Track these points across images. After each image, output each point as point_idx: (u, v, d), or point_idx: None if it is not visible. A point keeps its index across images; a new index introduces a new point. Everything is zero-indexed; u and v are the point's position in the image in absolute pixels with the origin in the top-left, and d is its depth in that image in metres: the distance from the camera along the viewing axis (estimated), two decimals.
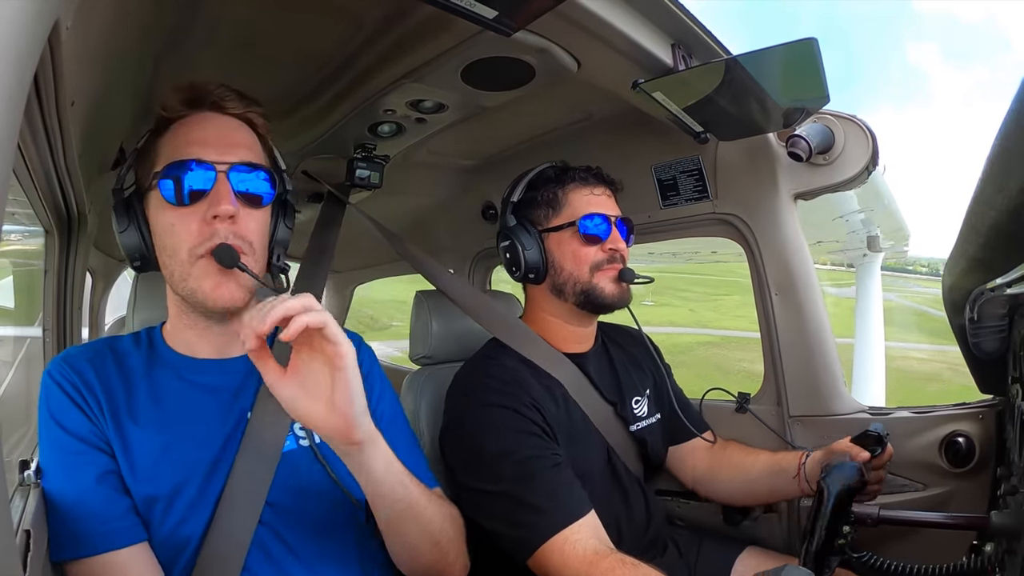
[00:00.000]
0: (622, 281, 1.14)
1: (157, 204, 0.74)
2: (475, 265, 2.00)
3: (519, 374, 1.08)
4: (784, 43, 0.85)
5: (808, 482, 1.07)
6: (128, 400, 0.76)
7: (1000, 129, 0.41)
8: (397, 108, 1.20)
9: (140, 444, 0.73)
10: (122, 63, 0.88)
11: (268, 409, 0.77)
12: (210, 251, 0.71)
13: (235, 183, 0.73)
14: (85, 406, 0.73)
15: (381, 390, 0.91)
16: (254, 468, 0.75)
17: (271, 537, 0.75)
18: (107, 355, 0.79)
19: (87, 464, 0.71)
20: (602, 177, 1.19)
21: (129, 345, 0.82)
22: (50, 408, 0.73)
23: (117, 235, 0.77)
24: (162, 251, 0.76)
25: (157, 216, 0.75)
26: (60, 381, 0.74)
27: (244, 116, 0.80)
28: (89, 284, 2.89)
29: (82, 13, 0.53)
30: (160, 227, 0.74)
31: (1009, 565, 0.71)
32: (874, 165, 1.19)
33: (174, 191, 0.72)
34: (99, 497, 0.70)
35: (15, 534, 0.55)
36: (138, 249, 0.77)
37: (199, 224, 0.72)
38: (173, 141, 0.75)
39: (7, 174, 0.35)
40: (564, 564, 0.89)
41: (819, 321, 1.25)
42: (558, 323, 1.19)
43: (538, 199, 1.18)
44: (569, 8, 0.81)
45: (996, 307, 0.75)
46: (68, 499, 0.69)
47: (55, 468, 0.72)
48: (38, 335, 1.26)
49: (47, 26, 0.42)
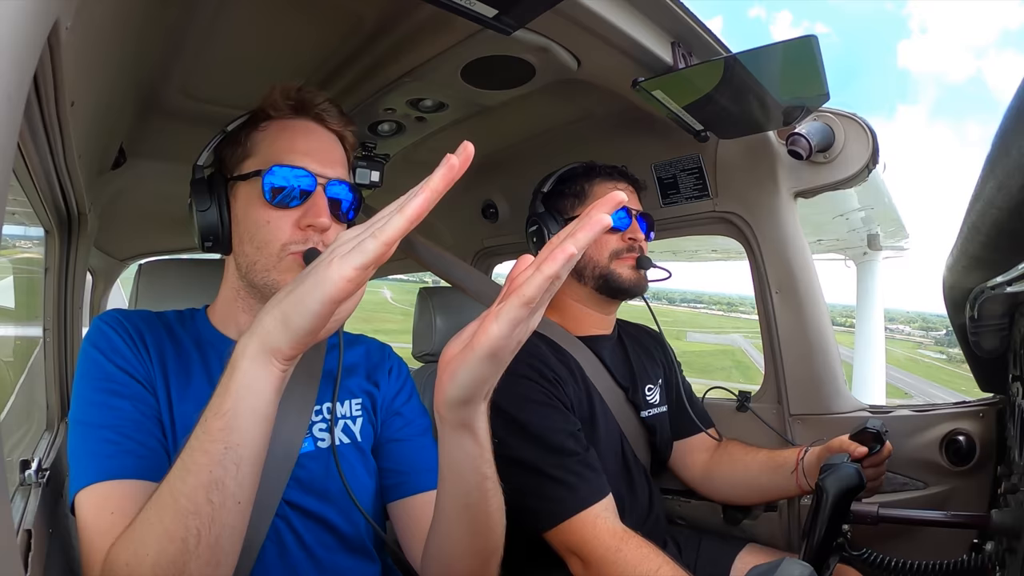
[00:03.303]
0: (639, 269, 1.19)
1: (251, 197, 0.77)
2: (475, 263, 2.00)
3: (540, 349, 1.12)
4: (784, 40, 0.85)
5: (806, 478, 1.08)
6: (179, 364, 0.76)
7: (1000, 126, 0.41)
8: (397, 107, 1.20)
9: (184, 410, 0.73)
10: (122, 63, 0.88)
11: (292, 406, 0.77)
12: (301, 252, 0.75)
13: (330, 196, 0.78)
14: (134, 347, 0.74)
15: (411, 392, 0.93)
16: (278, 463, 0.74)
17: (286, 530, 0.75)
18: (155, 319, 0.81)
19: (131, 392, 0.71)
20: (626, 175, 1.26)
21: (173, 318, 0.83)
22: (98, 346, 0.73)
23: (196, 213, 0.79)
24: (247, 240, 0.77)
25: (249, 208, 0.77)
26: (113, 325, 0.75)
27: (341, 133, 0.84)
28: (89, 284, 2.89)
29: (82, 13, 0.53)
30: (251, 220, 0.77)
31: (1010, 563, 0.71)
32: (874, 163, 1.19)
33: (277, 193, 0.75)
34: (135, 425, 0.68)
35: (16, 534, 0.55)
36: (214, 231, 0.79)
37: (291, 226, 0.76)
38: (277, 143, 0.78)
39: (7, 174, 0.35)
40: (595, 537, 0.92)
41: (819, 319, 1.25)
42: (578, 307, 1.24)
43: (566, 191, 1.26)
44: (569, 7, 0.81)
45: (996, 305, 0.75)
46: (102, 416, 0.67)
47: (91, 396, 0.69)
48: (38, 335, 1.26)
49: (47, 26, 0.42)
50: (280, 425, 0.76)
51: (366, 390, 0.88)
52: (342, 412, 0.84)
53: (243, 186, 0.78)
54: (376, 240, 0.45)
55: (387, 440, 0.87)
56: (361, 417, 0.86)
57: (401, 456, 0.85)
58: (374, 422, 0.87)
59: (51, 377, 1.19)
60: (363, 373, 0.89)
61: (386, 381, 0.91)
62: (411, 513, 0.82)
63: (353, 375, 0.88)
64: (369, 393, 0.88)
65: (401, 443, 0.86)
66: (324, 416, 0.82)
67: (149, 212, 2.07)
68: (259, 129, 0.80)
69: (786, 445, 1.28)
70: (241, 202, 0.79)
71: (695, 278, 30.72)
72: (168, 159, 1.41)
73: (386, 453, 0.86)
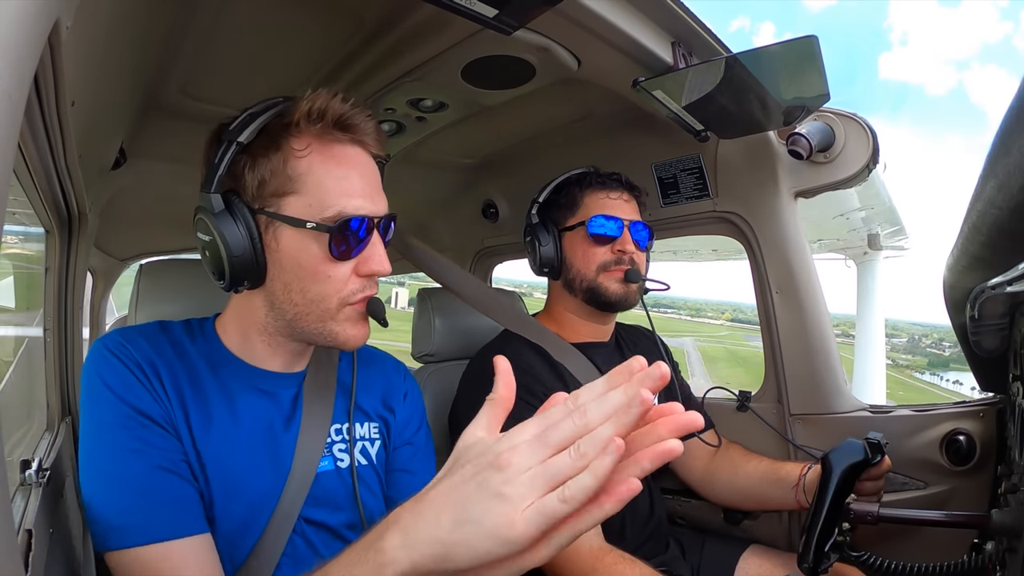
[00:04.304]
0: (628, 282, 1.16)
1: (302, 244, 0.68)
2: (476, 263, 2.00)
3: (533, 364, 1.11)
4: (784, 41, 0.85)
5: (806, 495, 1.06)
6: (195, 390, 0.71)
7: (1000, 126, 0.41)
8: (397, 107, 1.20)
9: (207, 440, 0.70)
10: (122, 63, 0.88)
11: (311, 429, 0.77)
12: (363, 302, 0.71)
13: (382, 235, 0.73)
14: (147, 383, 0.68)
15: (422, 418, 0.92)
16: (298, 479, 0.74)
17: (303, 545, 0.75)
18: (162, 338, 0.74)
19: (152, 443, 0.66)
20: (622, 182, 1.22)
21: (182, 333, 0.76)
22: (105, 379, 0.67)
23: (224, 246, 0.66)
24: (296, 290, 0.70)
25: (300, 256, 0.69)
26: (118, 352, 0.68)
27: (378, 157, 0.76)
28: (90, 284, 2.89)
29: (82, 13, 0.53)
30: (305, 271, 0.69)
31: (1010, 563, 0.71)
32: (874, 163, 1.18)
33: (337, 247, 0.68)
34: (163, 479, 0.65)
35: (16, 534, 0.55)
36: (250, 272, 0.69)
37: (350, 275, 0.70)
38: (329, 181, 0.68)
39: (7, 174, 0.35)
40: (572, 557, 0.92)
41: (820, 319, 1.25)
42: (572, 317, 1.24)
43: (560, 201, 1.24)
44: (569, 6, 0.81)
45: (996, 305, 0.75)
46: (126, 478, 0.64)
47: (111, 444, 0.65)
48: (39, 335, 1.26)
49: (47, 26, 0.42)
50: (301, 442, 0.76)
51: (382, 415, 0.87)
52: (361, 433, 0.83)
53: (288, 229, 0.68)
54: (595, 478, 0.39)
55: (395, 469, 0.86)
56: (379, 440, 0.85)
57: (406, 488, 0.84)
58: (388, 447, 0.87)
59: (51, 377, 1.19)
60: (379, 396, 0.88)
61: (401, 407, 0.89)
62: None
63: (368, 394, 0.86)
64: (384, 419, 0.87)
65: (411, 475, 0.86)
66: (344, 436, 0.81)
67: (149, 212, 2.07)
68: (297, 154, 0.68)
69: (787, 444, 1.28)
70: (285, 244, 0.69)
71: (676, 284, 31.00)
72: (168, 159, 1.41)
73: (393, 482, 0.85)
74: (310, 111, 0.68)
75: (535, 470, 0.41)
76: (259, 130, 0.69)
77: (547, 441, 0.42)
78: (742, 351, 53.48)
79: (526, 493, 0.41)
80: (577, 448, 0.41)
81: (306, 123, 0.68)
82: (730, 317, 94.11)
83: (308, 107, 0.68)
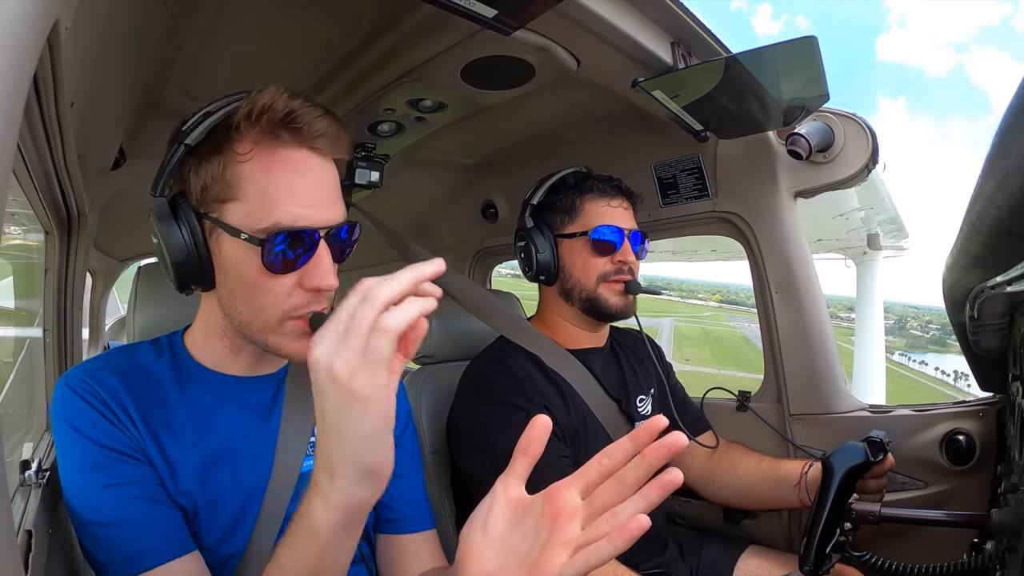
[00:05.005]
0: (628, 294, 1.16)
1: (242, 255, 0.65)
2: (475, 264, 2.00)
3: (529, 373, 1.10)
4: (784, 41, 0.85)
5: (808, 493, 1.06)
6: (161, 413, 0.70)
7: (1000, 126, 0.41)
8: (397, 107, 1.20)
9: (180, 459, 0.70)
10: (122, 63, 0.88)
11: (292, 428, 0.76)
12: (307, 319, 0.67)
13: (331, 245, 0.68)
14: (113, 417, 0.67)
15: (407, 418, 0.90)
16: (283, 486, 0.74)
17: None
18: (128, 365, 0.73)
19: (127, 476, 0.66)
20: (621, 189, 1.20)
21: (150, 355, 0.75)
22: (72, 422, 0.66)
23: (166, 250, 0.66)
24: (240, 298, 0.68)
25: (241, 267, 0.66)
26: (81, 392, 0.67)
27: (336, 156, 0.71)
28: (89, 284, 2.89)
29: (82, 13, 0.53)
30: (245, 281, 0.66)
31: (1010, 563, 0.71)
32: (874, 163, 1.19)
33: (277, 260, 0.64)
34: (145, 509, 0.65)
35: (16, 534, 0.55)
36: (196, 277, 0.68)
37: (293, 288, 0.66)
38: (269, 190, 0.64)
39: (7, 174, 0.35)
40: None
41: (819, 319, 1.25)
42: (567, 325, 1.22)
43: (556, 204, 1.20)
44: (568, 7, 0.81)
45: (996, 305, 0.75)
46: (109, 514, 0.64)
47: (87, 484, 0.65)
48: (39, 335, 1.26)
49: (47, 26, 0.42)
50: (283, 442, 0.76)
51: None
52: None
53: (228, 237, 0.65)
54: (386, 337, 0.46)
55: None
56: None
57: (396, 492, 0.83)
58: None
59: (51, 377, 1.19)
60: None
61: None
62: (394, 552, 0.83)
63: None
64: None
65: (399, 477, 0.83)
66: None
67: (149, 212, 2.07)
68: (239, 158, 0.64)
69: (786, 445, 1.28)
70: (226, 252, 0.66)
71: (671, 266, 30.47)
72: None
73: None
74: (251, 111, 0.63)
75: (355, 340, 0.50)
76: (208, 131, 0.66)
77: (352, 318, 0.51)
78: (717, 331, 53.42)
79: (349, 353, 0.50)
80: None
81: (247, 125, 0.64)
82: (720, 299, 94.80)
83: (249, 107, 0.63)
